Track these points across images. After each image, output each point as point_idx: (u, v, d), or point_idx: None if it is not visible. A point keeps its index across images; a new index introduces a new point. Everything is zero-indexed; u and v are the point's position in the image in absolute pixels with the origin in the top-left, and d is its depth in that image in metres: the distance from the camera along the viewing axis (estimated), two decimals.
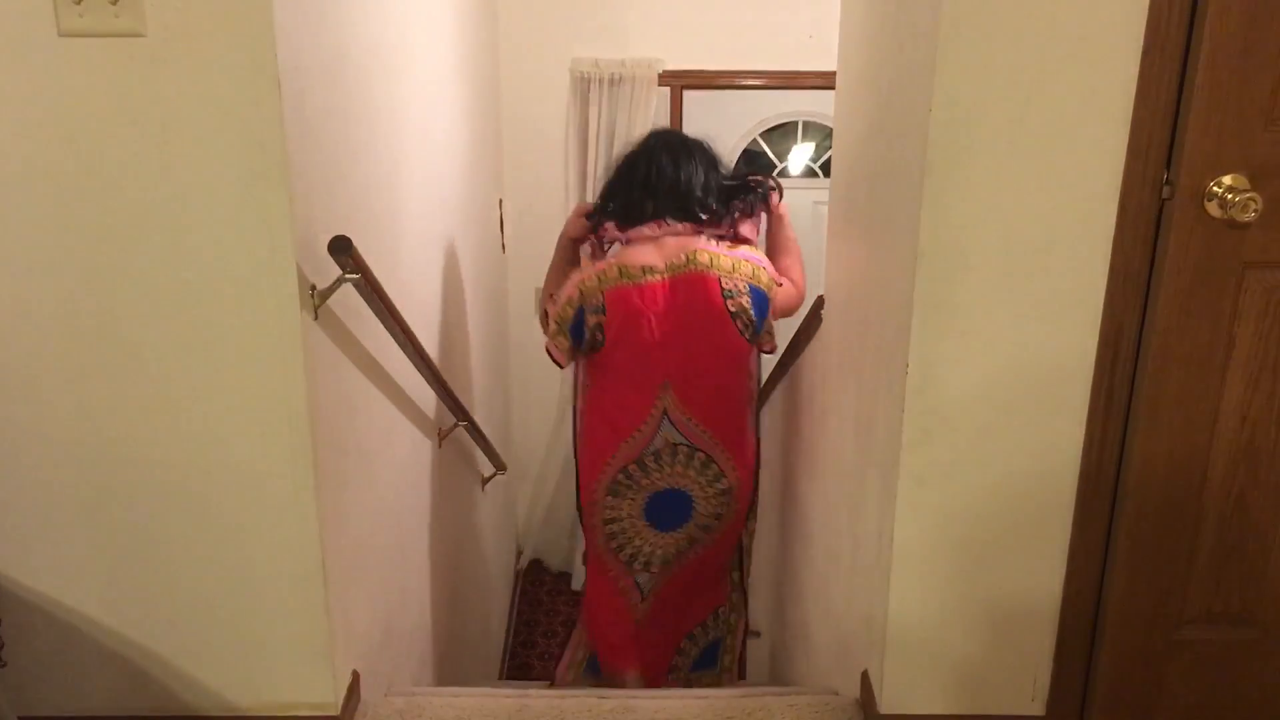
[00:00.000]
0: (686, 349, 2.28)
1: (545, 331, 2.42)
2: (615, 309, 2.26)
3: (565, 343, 2.34)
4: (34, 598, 1.59)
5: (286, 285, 1.42)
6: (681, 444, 2.33)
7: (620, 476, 2.37)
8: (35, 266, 1.42)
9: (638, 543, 2.45)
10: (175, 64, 1.33)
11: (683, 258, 2.26)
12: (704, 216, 2.30)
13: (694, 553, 2.50)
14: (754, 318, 2.28)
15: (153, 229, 1.40)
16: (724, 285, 2.25)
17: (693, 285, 2.25)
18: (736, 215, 2.35)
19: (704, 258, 2.25)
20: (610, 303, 2.26)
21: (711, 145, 2.43)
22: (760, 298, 2.29)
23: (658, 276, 2.26)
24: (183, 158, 1.37)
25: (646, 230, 2.29)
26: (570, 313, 2.31)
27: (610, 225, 2.37)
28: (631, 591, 2.51)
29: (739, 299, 2.26)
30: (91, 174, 1.37)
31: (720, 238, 2.32)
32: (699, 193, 2.30)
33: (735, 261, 2.28)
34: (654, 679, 2.60)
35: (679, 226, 2.29)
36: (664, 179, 2.31)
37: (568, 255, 2.54)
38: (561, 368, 2.60)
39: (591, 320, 2.28)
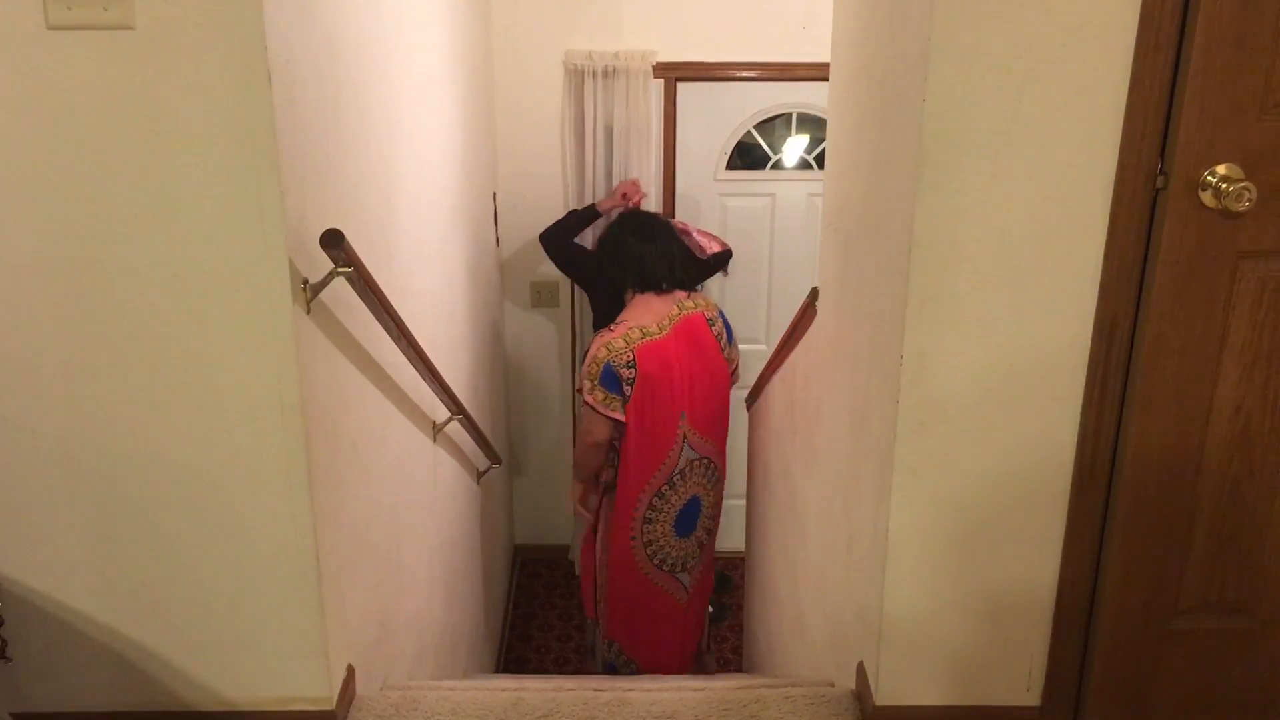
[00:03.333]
0: (693, 381, 2.89)
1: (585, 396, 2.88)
2: (646, 360, 2.80)
3: (601, 394, 2.80)
4: (28, 593, 1.58)
5: (278, 279, 1.41)
6: (696, 459, 2.96)
7: (655, 499, 2.93)
8: (25, 260, 1.41)
9: (673, 554, 3.05)
10: (165, 57, 1.32)
11: (675, 308, 2.92)
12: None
13: (706, 543, 3.14)
14: (727, 332, 2.99)
15: (143, 223, 1.39)
16: (707, 316, 2.95)
17: (691, 326, 2.91)
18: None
19: (688, 303, 2.95)
20: (640, 356, 2.79)
21: (670, 221, 3.19)
22: (722, 313, 3.02)
23: (668, 325, 2.88)
24: (173, 152, 1.36)
25: (647, 297, 2.93)
26: (597, 370, 2.80)
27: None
28: (677, 591, 3.11)
29: (718, 324, 2.97)
30: (81, 168, 1.36)
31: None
32: (679, 273, 2.99)
33: (705, 298, 3.03)
34: (688, 660, 3.25)
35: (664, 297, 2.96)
36: (648, 264, 2.94)
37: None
38: (603, 437, 2.91)
39: (624, 374, 2.79)
